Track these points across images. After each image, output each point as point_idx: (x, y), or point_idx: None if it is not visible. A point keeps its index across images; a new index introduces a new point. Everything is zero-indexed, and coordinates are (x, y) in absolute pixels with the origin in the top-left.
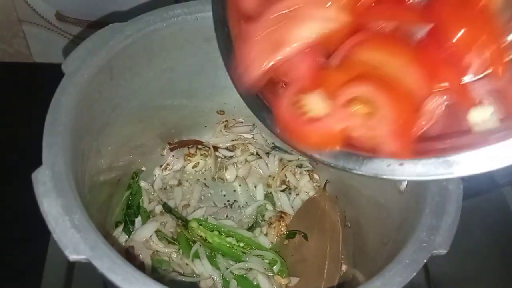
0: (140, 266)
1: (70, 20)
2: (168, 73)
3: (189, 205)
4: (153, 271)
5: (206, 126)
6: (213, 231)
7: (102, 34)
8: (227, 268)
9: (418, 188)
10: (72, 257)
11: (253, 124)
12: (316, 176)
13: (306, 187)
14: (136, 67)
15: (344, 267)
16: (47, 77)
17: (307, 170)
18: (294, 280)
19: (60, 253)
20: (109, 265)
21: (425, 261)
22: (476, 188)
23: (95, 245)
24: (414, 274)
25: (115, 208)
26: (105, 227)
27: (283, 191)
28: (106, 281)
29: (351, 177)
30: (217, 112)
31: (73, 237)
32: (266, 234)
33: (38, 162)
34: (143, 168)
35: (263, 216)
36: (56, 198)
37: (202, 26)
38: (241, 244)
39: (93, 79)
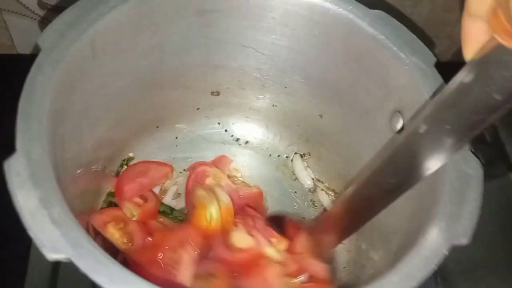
0: None
1: (52, 7)
2: (157, 50)
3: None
4: None
5: (198, 109)
6: None
7: (82, 6)
8: None
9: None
10: (51, 256)
11: (250, 108)
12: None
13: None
14: (121, 43)
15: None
16: None
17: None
18: None
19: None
20: (93, 264)
21: (446, 252)
22: (491, 172)
23: (77, 243)
24: (435, 268)
25: (101, 199)
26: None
27: None
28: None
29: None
30: (212, 93)
31: (52, 234)
32: None
33: None
34: (131, 154)
35: None
36: (33, 190)
37: None
38: None
39: (73, 55)
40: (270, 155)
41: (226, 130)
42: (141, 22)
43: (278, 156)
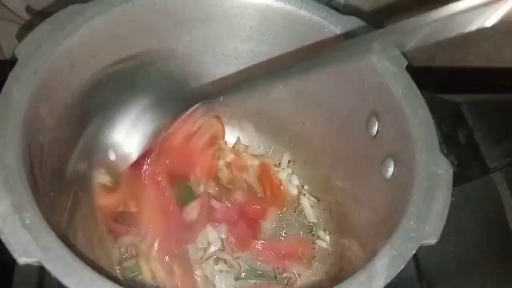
0: None
1: (41, 13)
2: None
3: None
4: None
5: None
6: None
7: (59, 17)
8: None
9: (405, 174)
10: (22, 260)
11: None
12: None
13: None
14: (100, 53)
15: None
16: None
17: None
18: None
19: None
20: (62, 267)
21: (414, 252)
22: (466, 174)
23: (48, 247)
24: (402, 267)
25: None
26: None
27: None
28: None
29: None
30: None
31: (23, 238)
32: None
33: None
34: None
35: None
36: (5, 194)
37: (171, 8)
38: None
39: (51, 66)
40: None
41: None
42: (119, 33)
43: None
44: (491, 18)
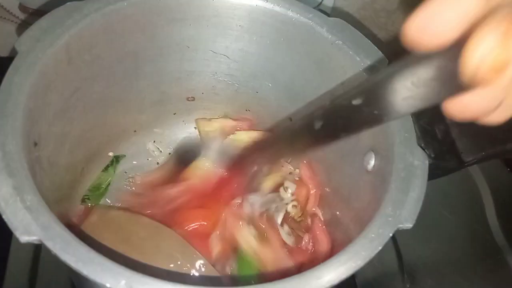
0: None
1: (34, 11)
2: (131, 56)
3: None
4: None
5: (175, 114)
6: None
7: (58, 13)
8: None
9: (385, 166)
10: (23, 238)
11: (224, 113)
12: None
13: None
14: (96, 48)
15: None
16: None
17: None
18: None
19: (25, 245)
20: (62, 245)
21: (391, 235)
22: (442, 167)
23: (48, 226)
24: (380, 248)
25: (78, 198)
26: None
27: None
28: (71, 275)
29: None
30: (187, 98)
31: (24, 218)
32: None
33: None
34: (110, 154)
35: None
36: (7, 178)
37: (165, 7)
38: None
39: (49, 59)
40: None
41: None
42: (114, 29)
43: None
44: None
